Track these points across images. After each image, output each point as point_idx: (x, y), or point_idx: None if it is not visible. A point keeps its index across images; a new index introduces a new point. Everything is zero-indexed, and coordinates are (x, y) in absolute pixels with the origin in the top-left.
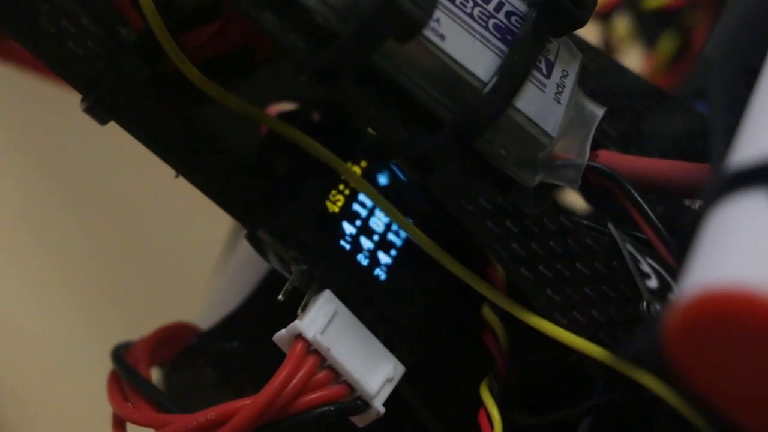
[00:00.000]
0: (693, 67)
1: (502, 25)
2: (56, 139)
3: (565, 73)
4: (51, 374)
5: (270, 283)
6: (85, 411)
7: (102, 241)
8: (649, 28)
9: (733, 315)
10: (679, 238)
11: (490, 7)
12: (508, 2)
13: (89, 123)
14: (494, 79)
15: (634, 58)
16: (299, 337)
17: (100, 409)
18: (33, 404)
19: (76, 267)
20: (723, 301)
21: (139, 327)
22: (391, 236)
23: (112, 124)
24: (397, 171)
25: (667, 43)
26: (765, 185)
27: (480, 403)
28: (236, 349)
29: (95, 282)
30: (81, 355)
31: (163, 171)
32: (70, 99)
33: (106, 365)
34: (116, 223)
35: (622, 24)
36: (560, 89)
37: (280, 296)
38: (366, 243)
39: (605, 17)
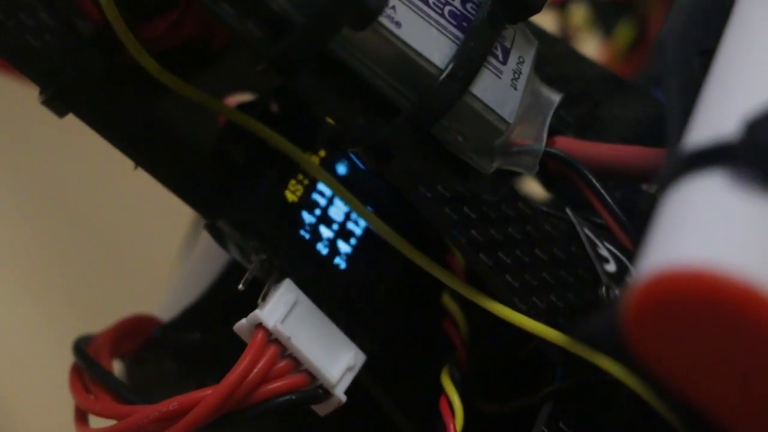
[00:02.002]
0: (650, 55)
1: (458, 12)
2: (11, 131)
3: (521, 59)
4: (11, 368)
5: (230, 273)
6: (47, 404)
7: (61, 234)
8: (605, 16)
9: (689, 294)
10: (636, 222)
11: None
12: None
13: (46, 115)
14: (450, 66)
15: (591, 47)
16: (260, 326)
17: (63, 402)
18: None
19: (33, 260)
20: (679, 281)
21: (100, 320)
22: (350, 225)
23: (70, 116)
24: (355, 160)
25: (623, 31)
26: (719, 166)
27: (441, 391)
28: (197, 341)
29: (54, 275)
30: (41, 348)
31: (122, 162)
32: (26, 92)
33: (68, 359)
34: (76, 215)
35: (578, 12)
36: (516, 76)
37: (241, 286)
38: (325, 232)
39: (562, 5)
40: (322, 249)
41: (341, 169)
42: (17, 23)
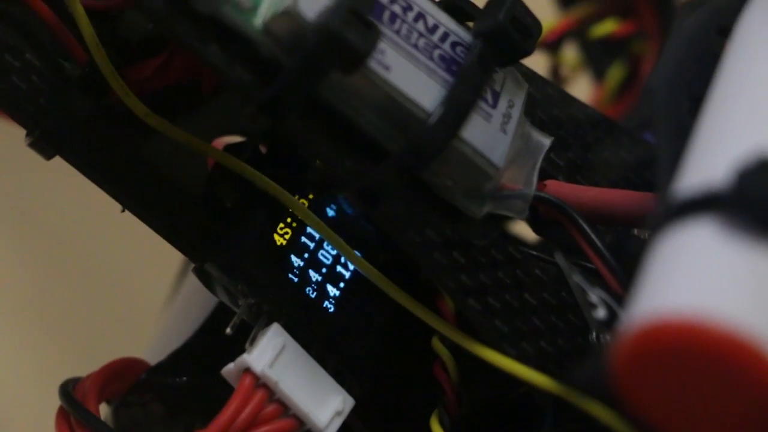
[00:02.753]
0: (641, 97)
1: (447, 56)
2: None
3: (511, 103)
4: None
5: (218, 317)
6: None
7: (48, 277)
8: (597, 57)
9: (679, 343)
10: (627, 267)
11: (435, 37)
12: (453, 33)
13: (34, 157)
14: (440, 110)
15: (582, 88)
16: (247, 371)
17: None
18: None
19: (21, 302)
20: (669, 330)
21: (87, 363)
22: (339, 269)
23: (58, 159)
24: (344, 203)
25: (615, 73)
26: (709, 214)
27: None
28: (185, 384)
29: (41, 317)
30: (28, 391)
31: (110, 205)
32: (14, 133)
33: (54, 402)
34: (63, 258)
35: (569, 53)
36: (506, 119)
37: (228, 330)
38: (314, 275)
39: (553, 47)
40: (311, 292)
41: (330, 212)
42: (3, 64)
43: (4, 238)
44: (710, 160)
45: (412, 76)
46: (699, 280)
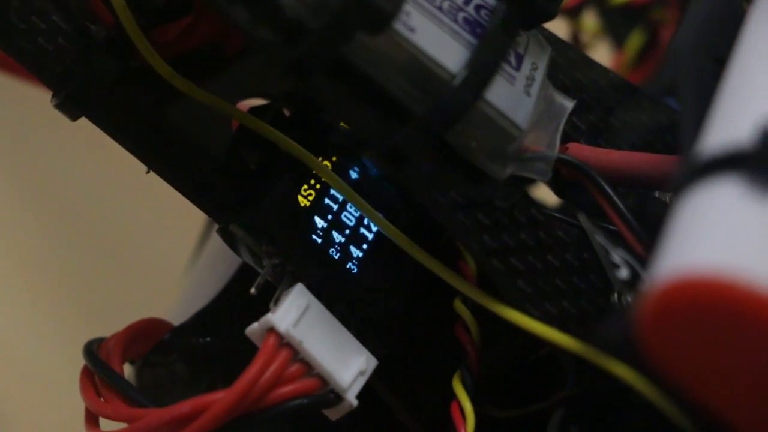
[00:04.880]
0: (661, 63)
1: (471, 19)
2: (22, 138)
3: (534, 66)
4: (22, 374)
5: (241, 277)
6: (58, 408)
7: (72, 239)
8: (616, 23)
9: (704, 300)
10: (649, 228)
11: (460, 0)
12: None
13: (56, 121)
14: (464, 72)
15: (602, 54)
16: (272, 330)
17: (73, 406)
18: (3, 403)
19: (46, 264)
20: (694, 287)
21: (111, 324)
22: (362, 230)
23: (81, 122)
24: (367, 165)
25: (634, 39)
26: (734, 172)
27: (453, 396)
28: (208, 344)
29: (66, 279)
30: (52, 352)
31: (134, 167)
32: (36, 97)
33: (78, 363)
34: (87, 220)
35: (590, 20)
36: (530, 82)
37: (253, 290)
38: (337, 237)
39: (573, 13)
40: (334, 253)
41: (353, 174)
42: (30, 26)
43: (28, 204)
44: (734, 120)
45: (436, 38)
46: (724, 238)
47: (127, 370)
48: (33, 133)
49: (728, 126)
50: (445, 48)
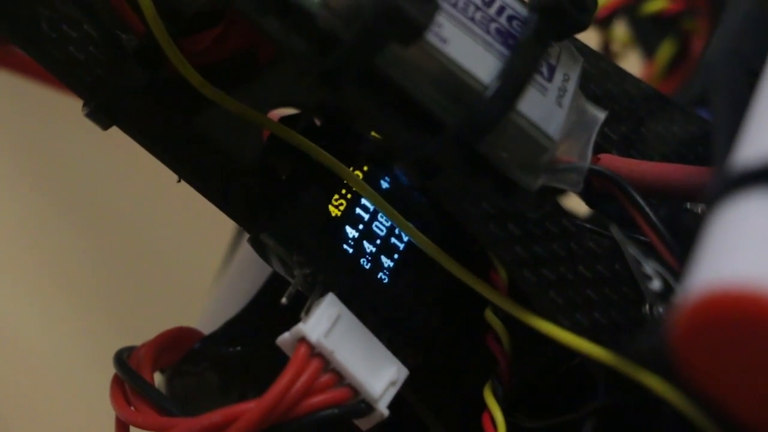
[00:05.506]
0: (692, 73)
1: (504, 30)
2: (55, 146)
3: (566, 76)
4: (53, 382)
5: (272, 287)
6: (89, 417)
7: (103, 247)
8: (647, 33)
9: (739, 313)
10: (681, 240)
11: (492, 11)
12: (509, 6)
13: (88, 130)
14: (496, 83)
15: (633, 64)
16: (303, 340)
17: (104, 415)
18: (35, 412)
19: (76, 273)
20: (729, 300)
21: (142, 333)
22: (393, 240)
23: (113, 131)
24: (399, 175)
25: (665, 49)
26: None
27: (483, 407)
28: (239, 353)
29: (97, 288)
30: (83, 361)
31: (165, 176)
32: (70, 106)
33: (109, 372)
34: (117, 229)
35: (620, 30)
36: (562, 93)
37: (284, 299)
38: (369, 247)
39: (604, 23)
40: (365, 263)
41: (384, 184)
42: (61, 36)
43: (60, 211)
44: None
45: (469, 49)
46: (758, 250)
47: (158, 379)
48: (64, 141)
49: (762, 138)
50: (477, 59)
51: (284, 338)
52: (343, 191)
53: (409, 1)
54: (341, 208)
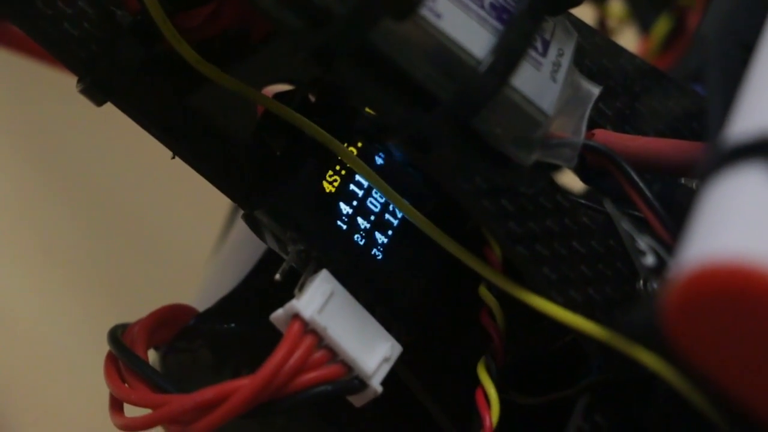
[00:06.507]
0: (687, 49)
1: (498, 4)
2: (50, 127)
3: (561, 51)
4: (48, 360)
5: (266, 264)
6: (83, 395)
7: (97, 224)
8: (643, 9)
9: (731, 287)
10: (675, 215)
11: None
12: None
13: (83, 110)
14: (490, 58)
15: (628, 40)
16: (296, 316)
17: (98, 391)
18: (30, 390)
19: (70, 250)
20: (722, 274)
21: (136, 309)
22: (387, 216)
23: (106, 110)
24: (393, 152)
25: (661, 25)
26: (762, 159)
27: (477, 383)
28: (233, 330)
29: (91, 265)
30: (76, 338)
31: (159, 153)
32: (64, 90)
33: (103, 349)
34: (111, 206)
35: (616, 5)
36: (556, 68)
37: (277, 276)
38: (362, 223)
39: None
40: (359, 240)
41: (378, 160)
42: (56, 12)
43: (53, 189)
44: (762, 107)
45: (463, 24)
46: (751, 224)
47: (152, 356)
48: (58, 120)
49: (756, 112)
50: (471, 34)
51: (278, 315)
52: (338, 167)
53: None
54: (335, 184)
